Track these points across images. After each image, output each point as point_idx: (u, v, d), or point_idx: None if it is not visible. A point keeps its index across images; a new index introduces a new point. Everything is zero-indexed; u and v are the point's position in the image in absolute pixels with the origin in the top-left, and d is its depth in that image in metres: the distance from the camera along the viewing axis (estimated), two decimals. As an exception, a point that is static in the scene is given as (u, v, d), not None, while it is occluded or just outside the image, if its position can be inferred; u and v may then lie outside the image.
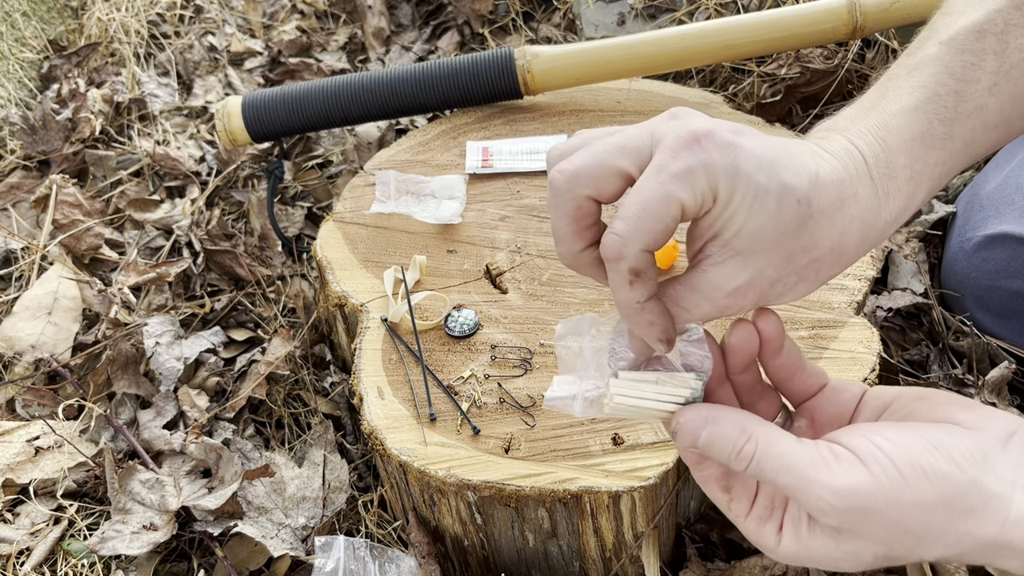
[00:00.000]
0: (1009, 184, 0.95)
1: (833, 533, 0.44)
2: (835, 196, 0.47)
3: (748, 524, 0.49)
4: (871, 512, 0.42)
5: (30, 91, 1.48)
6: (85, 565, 0.87)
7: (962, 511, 0.42)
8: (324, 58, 1.56)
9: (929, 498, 0.42)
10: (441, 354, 0.82)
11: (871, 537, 0.43)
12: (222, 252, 1.18)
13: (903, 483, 0.42)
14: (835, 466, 0.43)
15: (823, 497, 0.43)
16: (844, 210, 0.47)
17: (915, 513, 0.42)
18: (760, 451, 0.45)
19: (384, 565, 0.79)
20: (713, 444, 0.47)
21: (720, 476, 0.50)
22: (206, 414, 1.00)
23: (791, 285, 0.48)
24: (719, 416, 0.47)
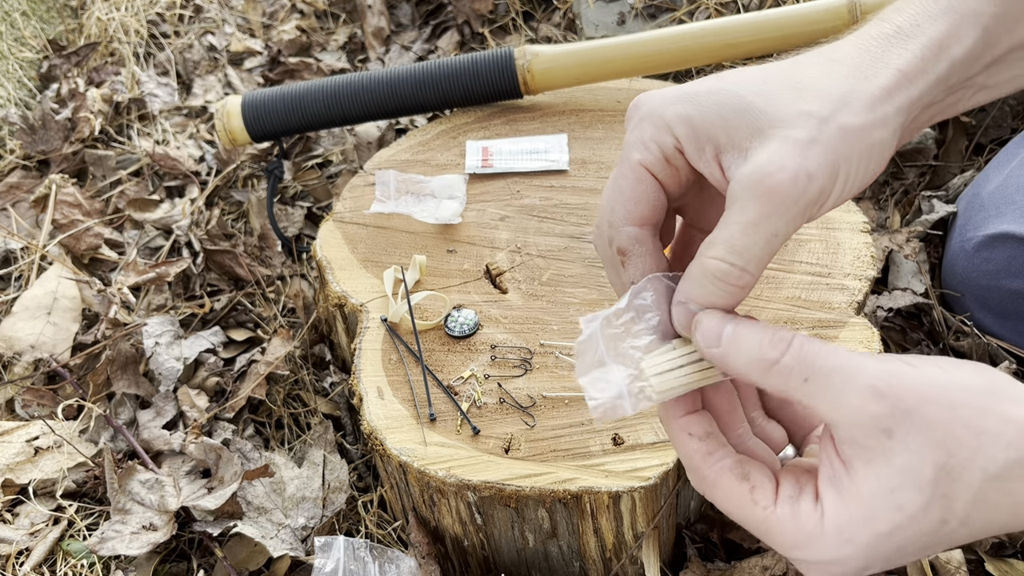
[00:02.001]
0: (1010, 184, 0.95)
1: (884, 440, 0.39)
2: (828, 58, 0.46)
3: (780, 511, 0.43)
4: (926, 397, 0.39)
5: (29, 91, 1.48)
6: (84, 565, 0.87)
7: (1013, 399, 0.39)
8: (324, 58, 1.56)
9: (978, 383, 0.40)
10: (441, 354, 0.82)
11: (929, 434, 0.39)
12: (222, 252, 1.18)
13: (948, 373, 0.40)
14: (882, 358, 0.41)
15: (877, 374, 0.39)
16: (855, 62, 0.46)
17: (970, 397, 0.39)
18: (800, 337, 0.41)
19: (384, 565, 0.79)
20: (740, 337, 0.42)
21: (735, 464, 0.45)
22: (206, 414, 0.99)
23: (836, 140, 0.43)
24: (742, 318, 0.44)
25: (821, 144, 0.43)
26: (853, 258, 0.85)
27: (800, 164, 0.42)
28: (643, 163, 0.47)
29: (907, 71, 0.45)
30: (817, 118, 0.43)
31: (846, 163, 0.43)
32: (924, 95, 0.46)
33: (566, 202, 0.96)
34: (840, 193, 0.44)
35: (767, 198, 0.42)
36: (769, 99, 0.44)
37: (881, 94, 0.44)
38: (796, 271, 0.85)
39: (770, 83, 0.45)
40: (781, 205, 0.42)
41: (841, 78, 0.45)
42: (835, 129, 0.43)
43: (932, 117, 0.49)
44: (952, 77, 0.46)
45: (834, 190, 0.44)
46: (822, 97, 0.44)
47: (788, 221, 0.42)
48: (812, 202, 0.43)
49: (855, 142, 0.43)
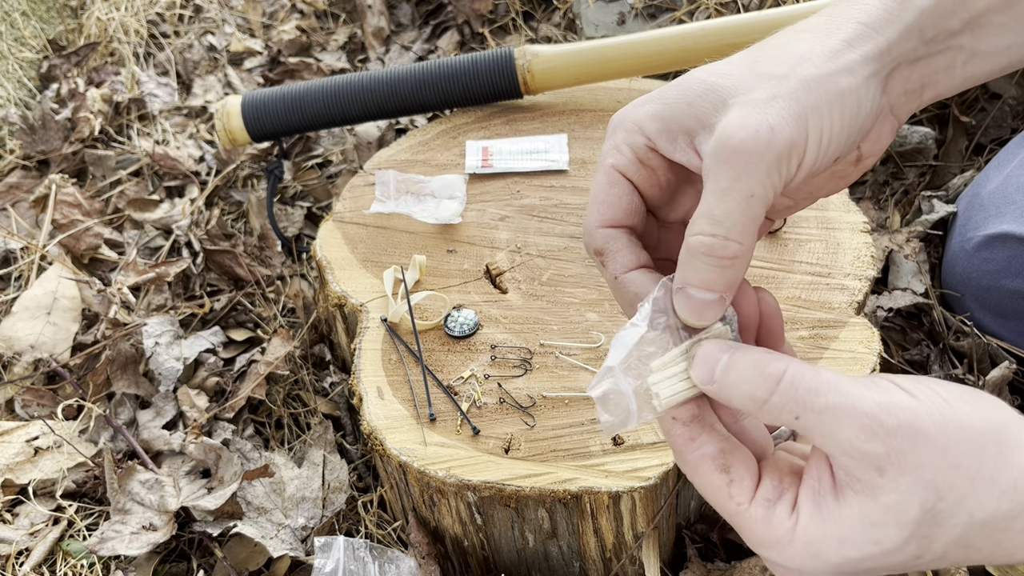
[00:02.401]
0: (1010, 184, 0.95)
1: (874, 477, 0.38)
2: (788, 31, 0.46)
3: (754, 511, 0.42)
4: (921, 436, 0.38)
5: (29, 91, 1.48)
6: (84, 565, 0.87)
7: (1011, 445, 0.38)
8: (324, 58, 1.56)
9: (977, 424, 0.38)
10: (441, 354, 0.82)
11: (919, 475, 0.38)
12: (221, 252, 1.18)
13: (948, 407, 0.38)
14: (876, 389, 0.39)
15: (870, 412, 0.38)
16: (808, 25, 0.46)
17: (965, 440, 0.38)
18: (793, 370, 0.40)
19: (384, 565, 0.79)
20: (734, 366, 0.41)
21: (717, 453, 0.43)
22: (205, 414, 0.99)
23: (798, 93, 0.43)
24: (741, 347, 0.43)
25: (782, 98, 0.42)
26: (853, 258, 0.85)
27: (760, 118, 0.41)
28: (615, 166, 0.47)
29: (869, 22, 0.44)
30: (775, 77, 0.43)
31: (815, 114, 0.42)
32: (894, 45, 0.45)
33: (566, 202, 0.96)
34: (819, 147, 0.43)
35: (733, 159, 0.41)
36: (730, 75, 0.44)
37: (841, 45, 0.44)
38: (796, 271, 0.85)
39: (732, 63, 0.45)
40: (748, 163, 0.41)
41: (801, 42, 0.44)
42: (795, 82, 0.42)
43: (925, 80, 0.47)
44: (927, 29, 0.45)
45: (808, 143, 0.42)
46: (780, 59, 0.44)
47: (761, 179, 0.41)
48: (782, 155, 0.41)
49: (819, 90, 0.42)
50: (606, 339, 0.80)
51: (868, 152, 0.48)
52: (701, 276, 0.43)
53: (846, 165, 0.49)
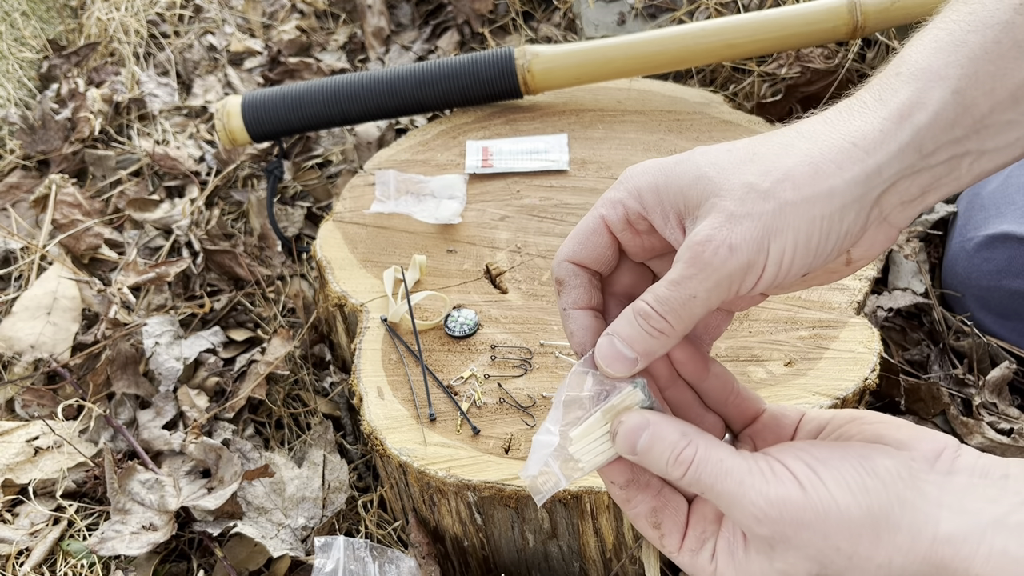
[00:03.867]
0: (1010, 184, 0.95)
1: (767, 548, 0.44)
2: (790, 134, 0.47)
3: (682, 558, 0.49)
4: (802, 524, 0.43)
5: (29, 91, 1.48)
6: (84, 565, 0.87)
7: (889, 528, 0.43)
8: (324, 58, 1.56)
9: (856, 515, 0.43)
10: (441, 354, 0.82)
11: (803, 552, 0.43)
12: (222, 252, 1.18)
13: (831, 499, 0.43)
14: (770, 477, 0.44)
15: (757, 504, 0.43)
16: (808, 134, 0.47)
17: (844, 529, 0.43)
18: (700, 456, 0.45)
19: (384, 565, 0.79)
20: (652, 447, 0.46)
21: (649, 512, 0.49)
22: (205, 414, 0.99)
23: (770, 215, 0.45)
24: (660, 420, 0.47)
25: (751, 218, 0.44)
26: (853, 258, 0.85)
27: (724, 237, 0.44)
28: (605, 218, 0.50)
29: (862, 143, 0.45)
30: (756, 192, 0.45)
31: (779, 237, 0.44)
32: (885, 167, 0.45)
33: (566, 202, 0.96)
34: (779, 267, 0.45)
35: (691, 263, 0.45)
36: (722, 170, 0.46)
37: (829, 168, 0.45)
38: (796, 271, 0.85)
39: (732, 154, 0.47)
40: (702, 272, 0.45)
41: (795, 153, 0.46)
42: (771, 204, 0.44)
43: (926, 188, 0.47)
44: (925, 144, 0.45)
45: (768, 263, 0.45)
46: (768, 170, 0.45)
47: (708, 287, 0.45)
48: (735, 273, 0.45)
49: (791, 216, 0.44)
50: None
51: (859, 257, 0.50)
52: (629, 332, 0.48)
53: (837, 266, 0.50)
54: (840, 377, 0.75)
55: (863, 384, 0.75)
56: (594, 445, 0.49)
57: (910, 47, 0.48)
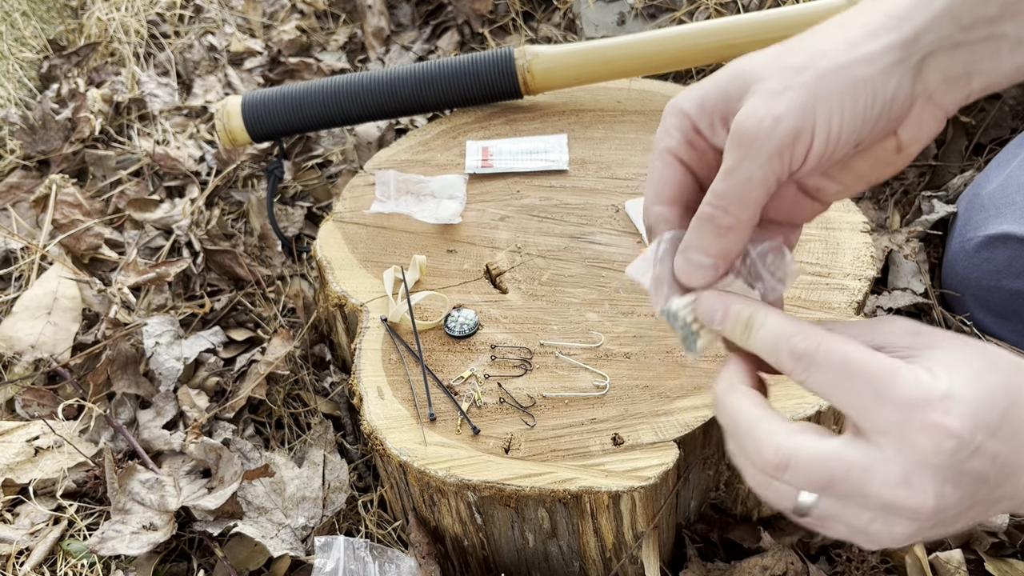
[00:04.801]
0: (1010, 184, 0.95)
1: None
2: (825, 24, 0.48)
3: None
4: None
5: (30, 91, 1.48)
6: (85, 565, 0.87)
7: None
8: (324, 58, 1.56)
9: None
10: (441, 354, 0.82)
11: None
12: (222, 252, 1.18)
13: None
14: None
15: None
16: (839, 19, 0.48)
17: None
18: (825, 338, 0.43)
19: (384, 565, 0.79)
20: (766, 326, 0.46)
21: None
22: (206, 414, 1.00)
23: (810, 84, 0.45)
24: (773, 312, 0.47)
25: (793, 89, 0.45)
26: (853, 258, 0.85)
27: (767, 108, 0.44)
28: (668, 149, 0.51)
29: (896, 12, 0.46)
30: (792, 68, 0.45)
31: (823, 103, 0.44)
32: (922, 33, 0.45)
33: (566, 202, 0.96)
34: (827, 134, 0.45)
35: (739, 144, 0.45)
36: (759, 64, 0.47)
37: (862, 36, 0.45)
38: (796, 271, 0.85)
39: (765, 53, 0.48)
40: (751, 149, 0.45)
41: (826, 35, 0.47)
42: (809, 74, 0.45)
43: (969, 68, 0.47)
44: (961, 15, 0.46)
45: (816, 131, 0.45)
46: (803, 51, 0.46)
47: (761, 164, 0.45)
48: (784, 144, 0.44)
49: (831, 81, 0.45)
50: (606, 339, 0.81)
51: (909, 140, 0.49)
52: (700, 240, 0.48)
53: (887, 153, 0.50)
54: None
55: (863, 384, 0.75)
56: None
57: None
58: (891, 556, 0.83)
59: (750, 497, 0.83)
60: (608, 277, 0.86)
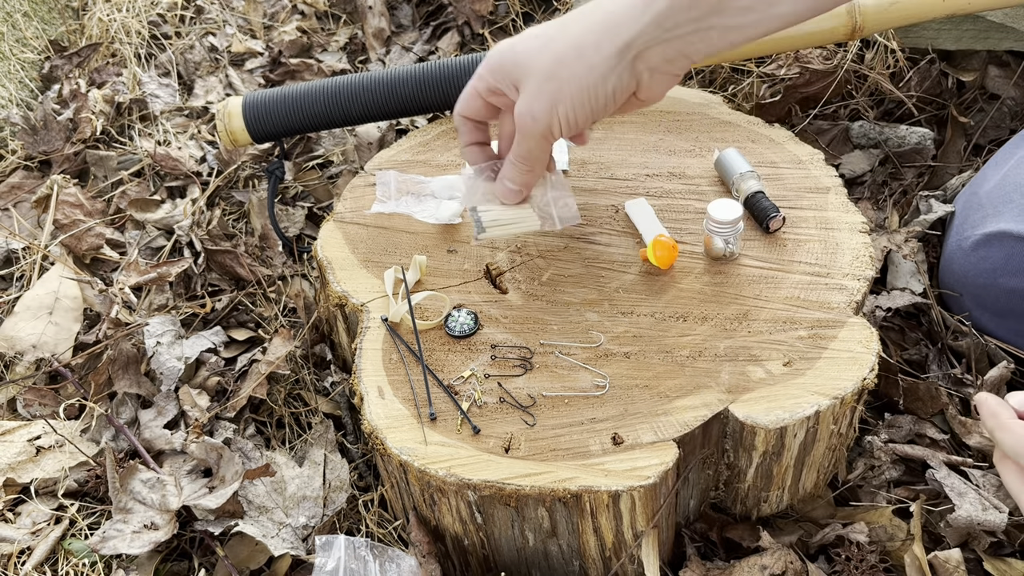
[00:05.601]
0: (1007, 183, 0.95)
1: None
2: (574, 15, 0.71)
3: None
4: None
5: (31, 91, 1.48)
6: (86, 564, 0.87)
7: None
8: (325, 58, 1.56)
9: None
10: (441, 354, 0.82)
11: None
12: (223, 252, 1.19)
13: None
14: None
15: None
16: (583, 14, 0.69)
17: None
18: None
19: (384, 564, 0.79)
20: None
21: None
22: (207, 414, 1.00)
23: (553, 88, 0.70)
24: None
25: (544, 94, 0.69)
26: (852, 258, 0.86)
27: (527, 109, 0.71)
28: (476, 88, 0.77)
29: (612, 23, 0.65)
30: (544, 74, 0.68)
31: (561, 105, 0.69)
32: (634, 39, 0.64)
33: (566, 202, 0.96)
34: (570, 121, 0.70)
35: (519, 130, 0.73)
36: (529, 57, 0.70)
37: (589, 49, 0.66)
38: (795, 271, 0.85)
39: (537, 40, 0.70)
40: (523, 134, 0.73)
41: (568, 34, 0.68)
42: (554, 83, 0.68)
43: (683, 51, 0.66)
44: (665, 23, 0.63)
45: (561, 123, 0.70)
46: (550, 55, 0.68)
47: (533, 144, 0.74)
48: (544, 132, 0.71)
49: (567, 89, 0.68)
50: (605, 339, 0.81)
51: (647, 98, 0.72)
52: (512, 175, 0.78)
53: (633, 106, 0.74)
54: (839, 377, 0.75)
55: (862, 384, 0.75)
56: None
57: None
58: (890, 555, 0.83)
59: (749, 496, 0.83)
60: (608, 277, 0.87)
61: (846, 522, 0.85)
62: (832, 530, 0.84)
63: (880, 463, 0.89)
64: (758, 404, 0.74)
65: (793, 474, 0.81)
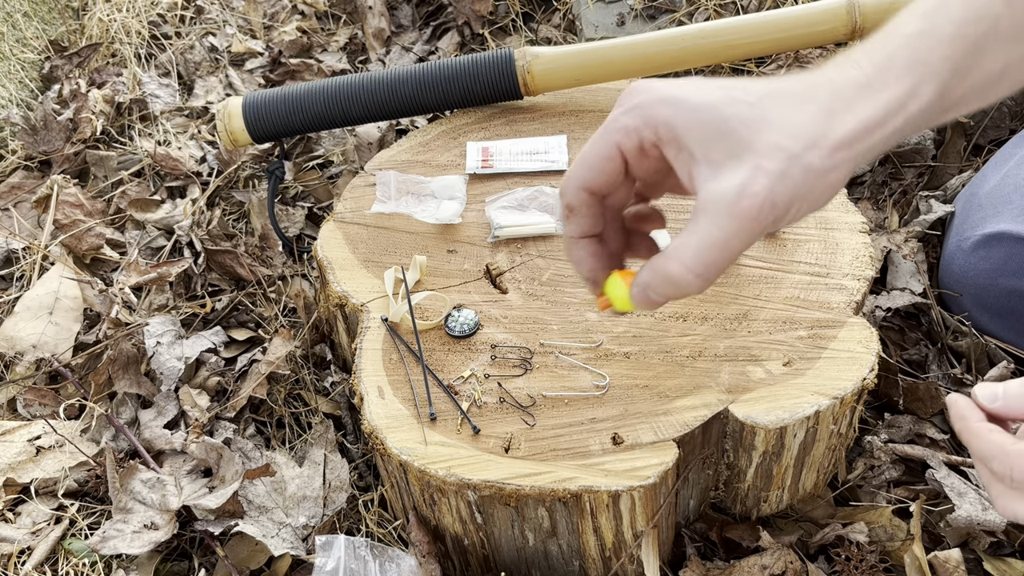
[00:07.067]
0: (1007, 183, 0.95)
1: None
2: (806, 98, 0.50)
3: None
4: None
5: (31, 92, 1.48)
6: (86, 564, 0.87)
7: None
8: (325, 59, 1.56)
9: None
10: (441, 354, 0.82)
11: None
12: (223, 252, 1.19)
13: None
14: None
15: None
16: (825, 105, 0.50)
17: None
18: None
19: (384, 564, 0.79)
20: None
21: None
22: (207, 414, 1.00)
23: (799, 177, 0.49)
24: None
25: (789, 178, 0.49)
26: (852, 258, 0.86)
27: (769, 192, 0.48)
28: (620, 146, 0.53)
29: (869, 124, 0.50)
30: (788, 153, 0.49)
31: (800, 199, 0.50)
32: (878, 145, 0.51)
33: (566, 202, 0.96)
34: (785, 221, 0.51)
35: (739, 218, 0.48)
36: (749, 127, 0.49)
37: (843, 143, 0.49)
38: (795, 271, 0.85)
39: (755, 109, 0.50)
40: (747, 225, 0.49)
41: (812, 118, 0.50)
42: (801, 167, 0.49)
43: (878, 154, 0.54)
44: (907, 128, 0.51)
45: (785, 219, 0.50)
46: (795, 134, 0.49)
47: (747, 241, 0.49)
48: (769, 225, 0.50)
49: (814, 182, 0.49)
50: (605, 339, 0.81)
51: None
52: (664, 291, 0.53)
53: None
54: (839, 377, 0.75)
55: (862, 384, 0.75)
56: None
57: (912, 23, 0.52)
58: (890, 555, 0.83)
59: (749, 496, 0.83)
60: (608, 277, 0.87)
61: (846, 522, 0.85)
62: (832, 530, 0.84)
63: (880, 463, 0.89)
64: (758, 404, 0.74)
65: (793, 474, 0.81)
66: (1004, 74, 0.53)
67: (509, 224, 0.92)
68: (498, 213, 0.93)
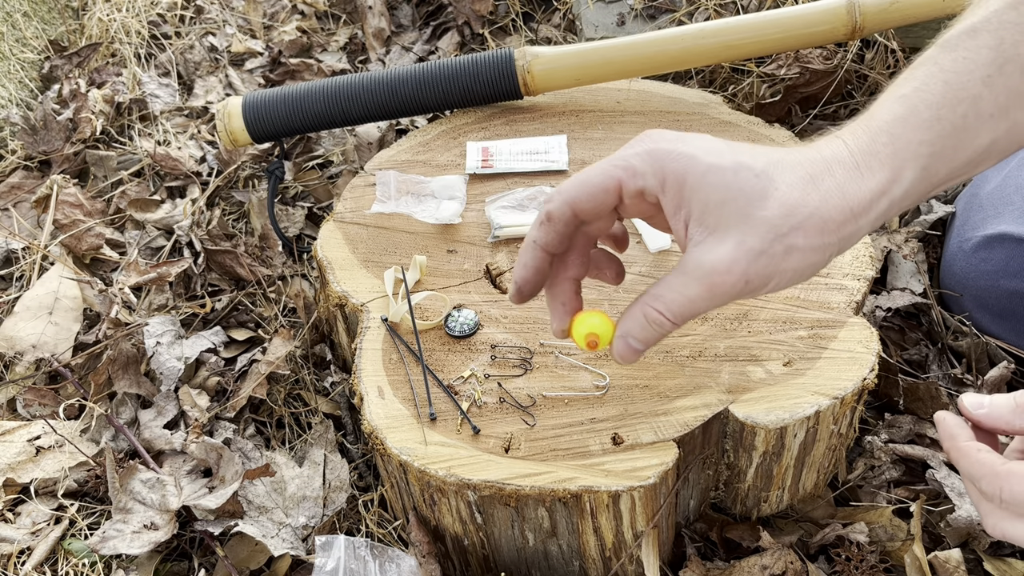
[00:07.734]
0: (1008, 184, 0.95)
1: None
2: (804, 172, 0.52)
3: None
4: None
5: (31, 91, 1.48)
6: (86, 564, 0.87)
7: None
8: (324, 58, 1.56)
9: None
10: (441, 354, 0.82)
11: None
12: (223, 252, 1.19)
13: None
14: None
15: None
16: (819, 182, 0.52)
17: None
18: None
19: (384, 564, 0.79)
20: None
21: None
22: (207, 414, 1.00)
23: (779, 256, 0.51)
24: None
25: (767, 256, 0.52)
26: (852, 258, 0.86)
27: (744, 271, 0.52)
28: (622, 183, 0.55)
29: (856, 210, 0.52)
30: (775, 233, 0.51)
31: (779, 275, 0.53)
32: (862, 230, 0.53)
33: (566, 202, 0.96)
34: (766, 291, 0.54)
35: (710, 288, 0.53)
36: (750, 197, 0.52)
37: (832, 227, 0.52)
38: (795, 271, 0.85)
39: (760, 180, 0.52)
40: (717, 295, 0.53)
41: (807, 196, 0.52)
42: (783, 247, 0.52)
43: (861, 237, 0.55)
44: (891, 211, 0.54)
45: (763, 290, 0.54)
46: (787, 211, 0.52)
47: (717, 305, 0.55)
48: (740, 295, 0.54)
49: (795, 261, 0.52)
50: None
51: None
52: (642, 335, 0.57)
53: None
54: (839, 377, 0.75)
55: (862, 384, 0.75)
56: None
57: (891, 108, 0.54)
58: (890, 555, 0.83)
59: (749, 496, 0.83)
60: (608, 277, 0.87)
61: (846, 522, 0.85)
62: (832, 530, 0.84)
63: (880, 463, 0.89)
64: (758, 404, 0.74)
65: (793, 474, 0.81)
66: (991, 148, 0.54)
67: (509, 224, 0.91)
68: (498, 213, 0.92)
